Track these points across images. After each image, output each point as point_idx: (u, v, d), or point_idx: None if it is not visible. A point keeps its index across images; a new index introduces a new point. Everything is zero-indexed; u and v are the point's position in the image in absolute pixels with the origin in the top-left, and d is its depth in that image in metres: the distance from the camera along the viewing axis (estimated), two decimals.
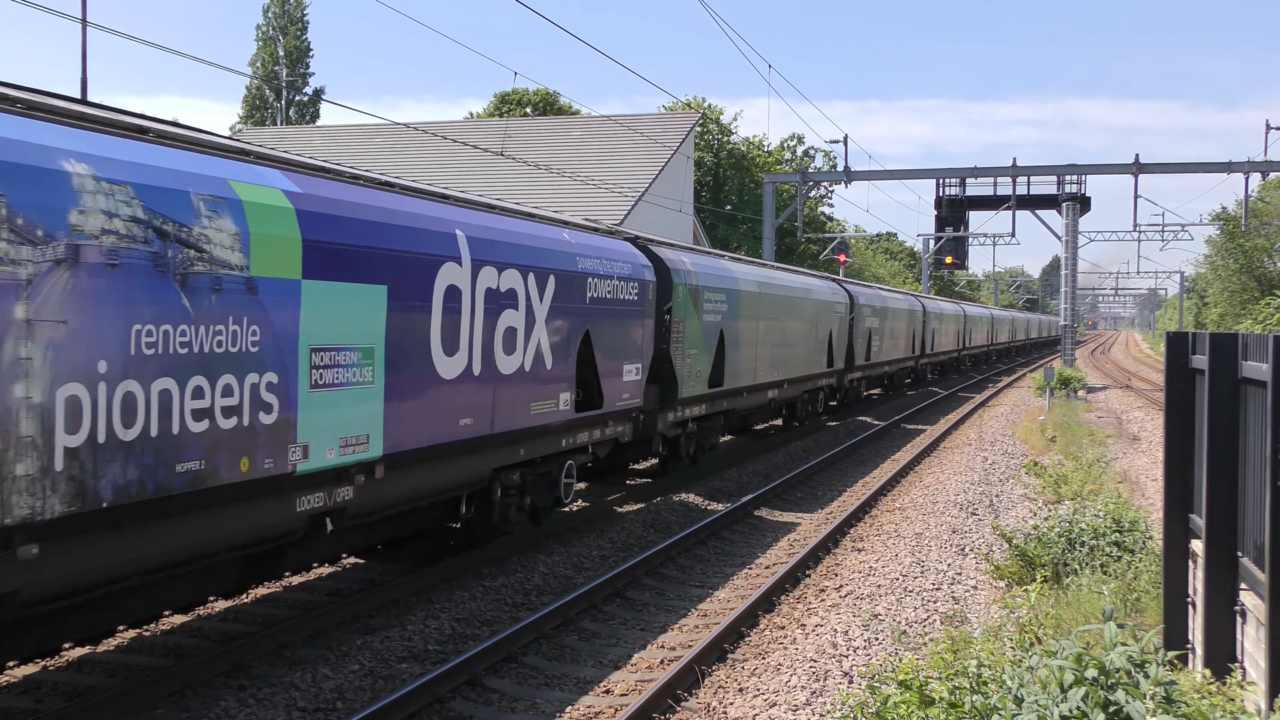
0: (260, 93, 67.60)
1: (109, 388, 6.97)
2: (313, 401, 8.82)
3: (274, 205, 8.50)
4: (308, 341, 8.74)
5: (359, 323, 9.38)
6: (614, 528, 14.96)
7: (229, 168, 8.40)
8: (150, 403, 7.28)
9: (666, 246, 18.06)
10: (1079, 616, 8.86)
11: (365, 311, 9.47)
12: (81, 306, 6.79)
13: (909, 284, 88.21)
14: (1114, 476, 18.46)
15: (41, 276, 6.52)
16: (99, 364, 6.90)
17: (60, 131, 7.08)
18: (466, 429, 11.18)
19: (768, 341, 22.15)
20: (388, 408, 9.83)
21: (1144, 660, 5.04)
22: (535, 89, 61.24)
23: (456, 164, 37.03)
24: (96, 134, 7.41)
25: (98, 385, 6.89)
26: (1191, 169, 46.37)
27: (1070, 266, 46.62)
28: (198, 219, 7.70)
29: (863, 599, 11.55)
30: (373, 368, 9.59)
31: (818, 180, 57.81)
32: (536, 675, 9.32)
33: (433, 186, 12.21)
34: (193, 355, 7.63)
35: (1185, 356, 7.89)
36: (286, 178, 8.99)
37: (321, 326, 8.88)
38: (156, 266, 7.33)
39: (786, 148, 72.67)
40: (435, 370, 10.61)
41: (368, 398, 9.54)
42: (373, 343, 9.57)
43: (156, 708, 8.08)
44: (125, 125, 7.85)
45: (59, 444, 6.65)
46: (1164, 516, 8.06)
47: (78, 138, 7.16)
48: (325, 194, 9.28)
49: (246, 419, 8.12)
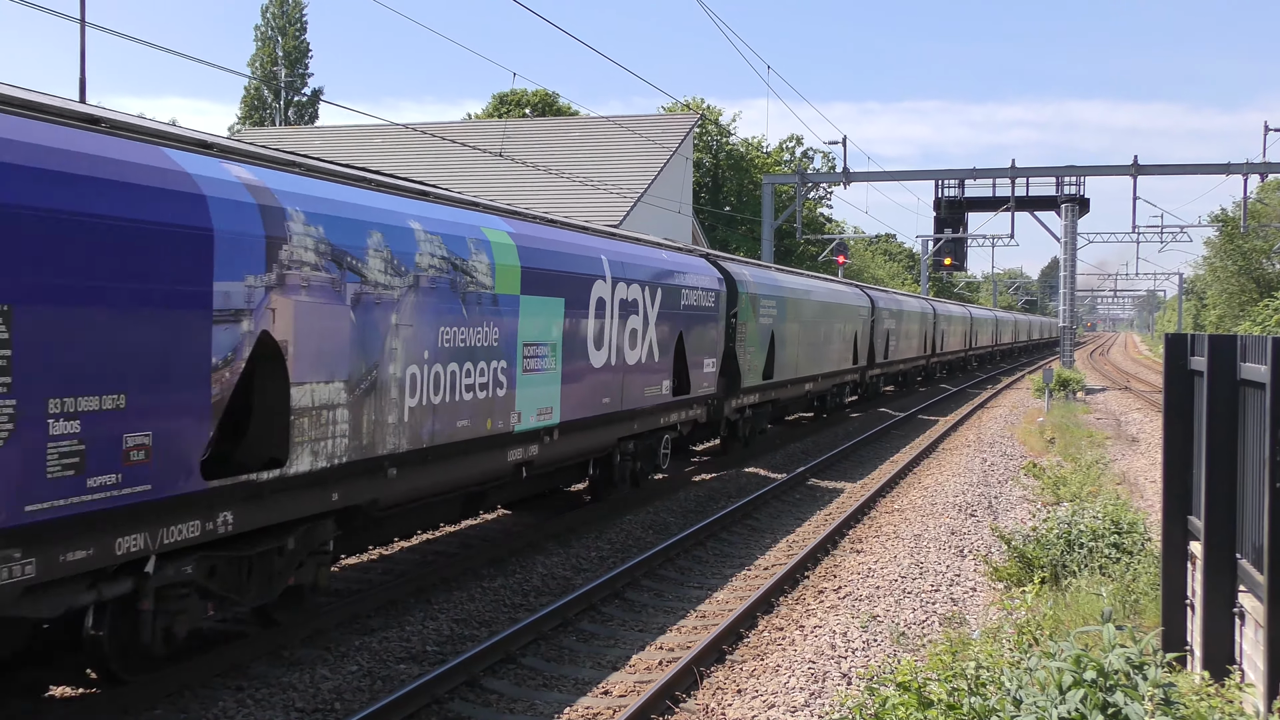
0: (259, 93, 67.60)
1: (428, 368, 10.40)
2: (524, 381, 12.31)
3: (506, 243, 11.95)
4: (522, 339, 12.21)
5: (548, 325, 12.85)
6: (613, 529, 14.98)
7: (479, 218, 11.93)
8: (446, 379, 10.73)
9: (731, 261, 21.93)
10: (1077, 618, 8.86)
11: (552, 317, 12.92)
12: (418, 315, 10.18)
13: (908, 285, 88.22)
14: (1113, 478, 18.46)
15: (401, 296, 9.91)
16: (424, 352, 10.33)
17: (401, 201, 10.58)
18: (606, 406, 14.65)
19: (806, 341, 25.46)
20: (563, 388, 13.27)
21: (1142, 662, 5.04)
22: (534, 90, 61.25)
23: (456, 165, 37.03)
24: (411, 200, 10.87)
25: (423, 366, 10.31)
26: (1191, 170, 46.40)
27: (1069, 268, 46.65)
28: (470, 255, 11.12)
29: (861, 600, 11.55)
30: (555, 358, 13.04)
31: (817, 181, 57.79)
32: (535, 676, 9.32)
33: (588, 224, 16.41)
34: (467, 348, 11.09)
35: (1184, 358, 7.89)
36: (508, 223, 12.50)
37: (529, 328, 12.38)
38: (451, 288, 10.73)
39: (785, 149, 72.67)
40: (590, 361, 14.05)
41: (552, 380, 13.01)
42: (555, 340, 13.01)
43: (155, 707, 8.08)
44: (409, 190, 11.21)
45: (405, 404, 10.07)
46: (1162, 518, 8.06)
47: (409, 203, 10.66)
48: (530, 233, 12.77)
49: (491, 392, 11.63)
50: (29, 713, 7.80)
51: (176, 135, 8.25)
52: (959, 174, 49.80)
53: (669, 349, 16.71)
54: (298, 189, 8.93)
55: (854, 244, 77.13)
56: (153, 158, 7.55)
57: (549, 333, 12.81)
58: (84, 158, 6.86)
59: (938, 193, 50.97)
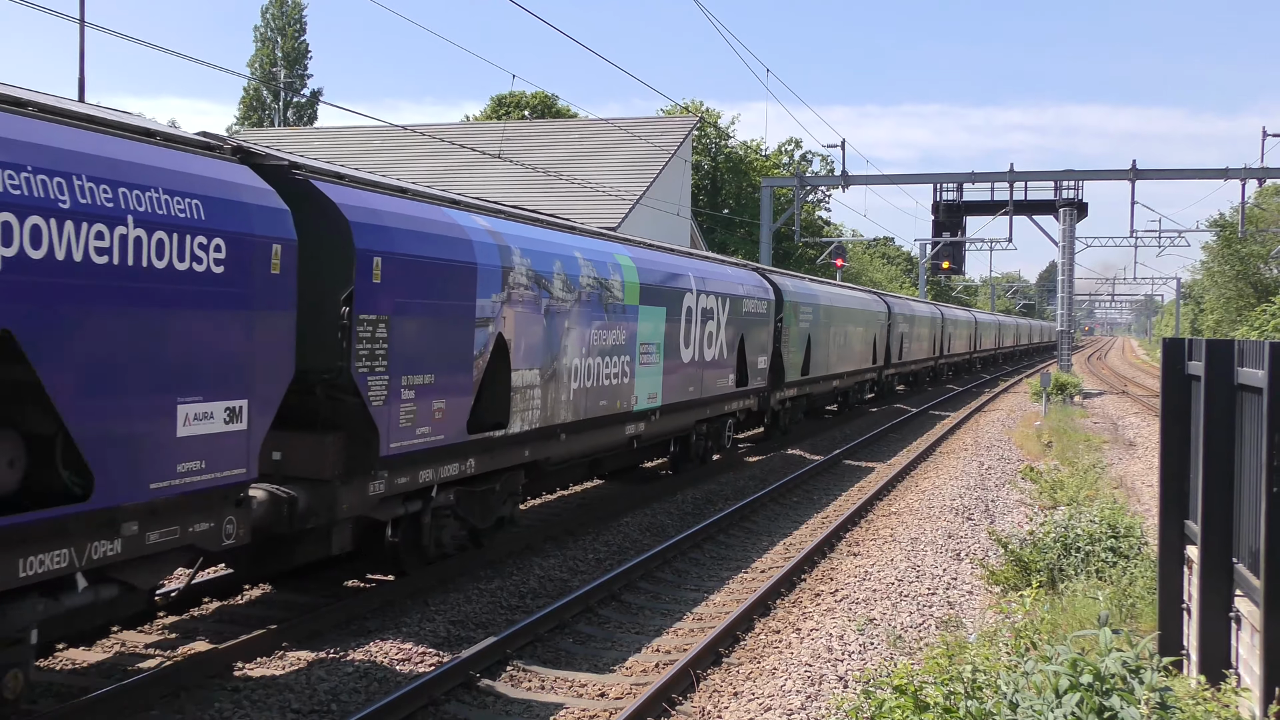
0: (258, 94, 67.58)
1: (585, 360, 14.04)
2: (639, 373, 15.90)
3: (630, 265, 15.67)
4: (639, 339, 15.81)
5: (655, 329, 16.39)
6: (610, 530, 14.97)
7: (612, 246, 15.63)
8: (594, 369, 14.34)
9: (776, 274, 25.76)
10: (1074, 622, 8.86)
11: (657, 323, 16.49)
12: (580, 321, 13.84)
13: (906, 289, 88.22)
14: (1110, 482, 18.47)
15: (570, 307, 13.52)
16: (582, 348, 13.98)
17: (566, 235, 14.34)
18: (691, 393, 18.15)
19: (836, 342, 29.20)
20: (664, 379, 16.87)
21: (1139, 666, 5.05)
22: (533, 91, 61.25)
23: (455, 166, 37.03)
24: (570, 235, 14.53)
25: (582, 360, 13.94)
26: (1189, 175, 46.44)
27: (1067, 272, 46.64)
28: (610, 275, 14.80)
29: (858, 603, 11.55)
30: (659, 354, 16.63)
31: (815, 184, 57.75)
32: (532, 678, 9.31)
33: (675, 247, 20.56)
34: (606, 345, 14.70)
35: (1181, 363, 7.90)
36: (629, 249, 16.17)
37: (644, 331, 15.99)
38: (599, 301, 14.40)
39: (784, 152, 72.67)
40: (681, 358, 17.57)
41: (656, 372, 16.60)
42: (659, 340, 16.64)
43: (151, 708, 8.07)
44: (565, 227, 14.91)
45: (571, 386, 13.67)
46: (1159, 522, 8.06)
47: (569, 237, 14.26)
48: (645, 256, 16.50)
49: (620, 380, 15.20)
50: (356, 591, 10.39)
51: (445, 198, 11.87)
52: (957, 178, 49.79)
53: (734, 348, 20.29)
54: (514, 231, 12.62)
55: (852, 247, 77.19)
56: (444, 216, 11.27)
57: (656, 334, 16.47)
58: (421, 219, 10.66)
59: (936, 196, 50.94)
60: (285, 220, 8.60)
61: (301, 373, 9.05)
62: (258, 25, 68.98)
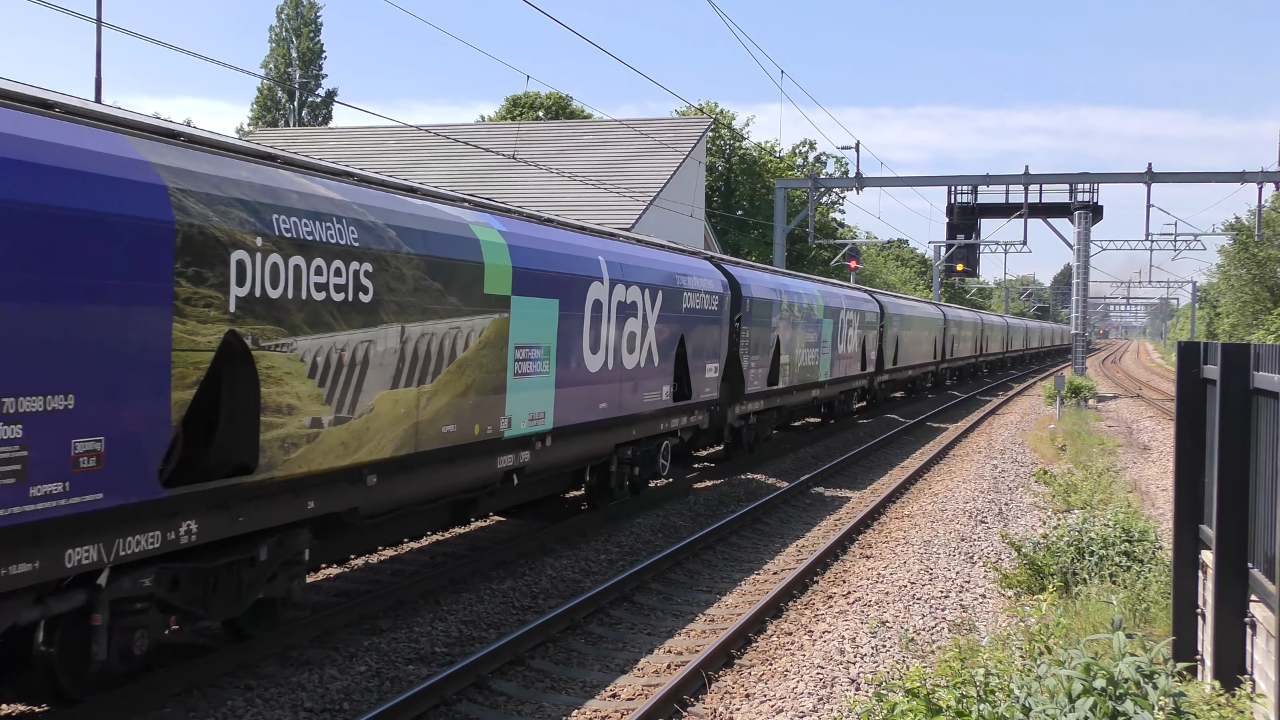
0: (272, 94, 67.75)
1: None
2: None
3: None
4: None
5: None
6: (622, 532, 14.97)
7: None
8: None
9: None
10: (1087, 626, 8.83)
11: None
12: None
13: (919, 291, 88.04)
14: (1124, 486, 18.41)
15: (738, 319, 18.69)
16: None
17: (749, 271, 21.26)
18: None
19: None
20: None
21: (1153, 671, 5.03)
22: (548, 92, 61.28)
23: (468, 167, 37.07)
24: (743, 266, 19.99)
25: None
26: (1205, 179, 46.24)
27: (1082, 275, 46.49)
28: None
29: (870, 606, 11.53)
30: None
31: (829, 186, 57.72)
32: (543, 678, 9.32)
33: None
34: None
35: (1197, 366, 7.87)
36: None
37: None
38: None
39: (798, 153, 72.60)
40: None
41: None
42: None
43: (163, 706, 8.10)
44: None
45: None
46: (1174, 527, 8.03)
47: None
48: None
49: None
50: (366, 591, 7.83)
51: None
52: (972, 180, 49.68)
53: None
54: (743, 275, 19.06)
55: (866, 249, 77.05)
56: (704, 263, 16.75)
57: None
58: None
59: (950, 199, 50.87)
60: None
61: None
62: (273, 26, 69.17)
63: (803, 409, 27.06)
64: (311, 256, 8.61)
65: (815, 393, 26.31)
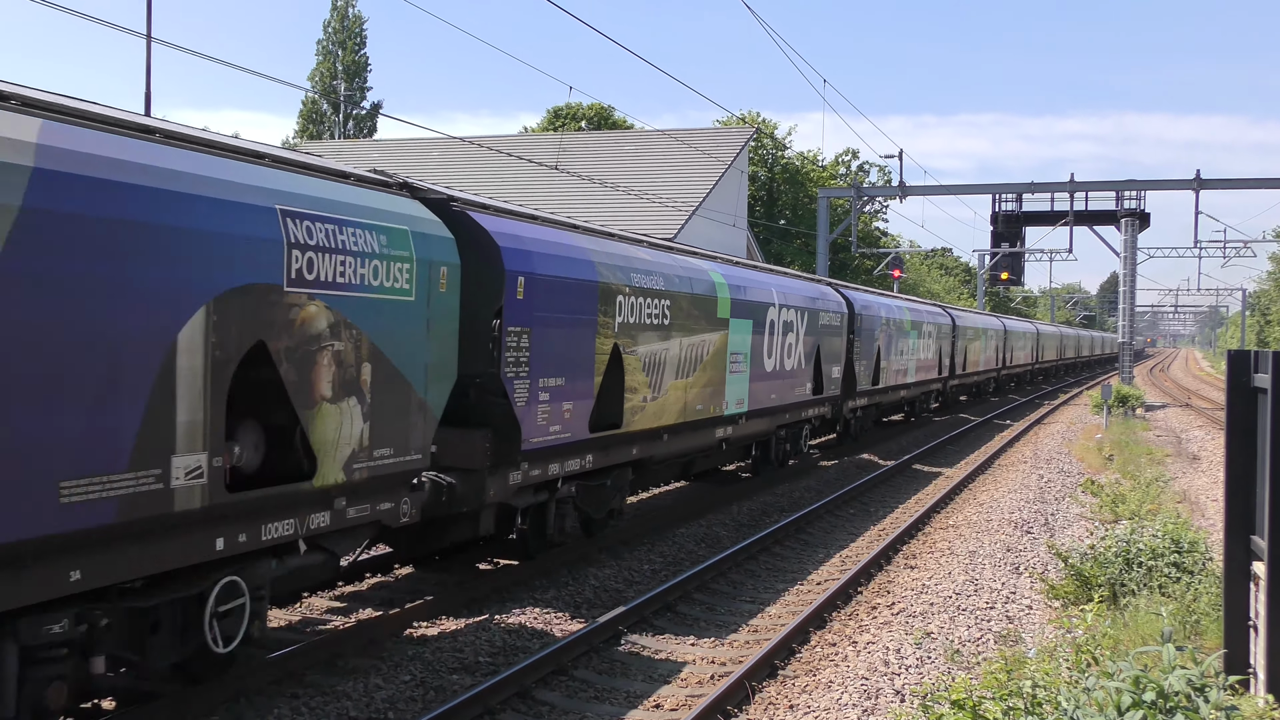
0: (317, 106, 68.43)
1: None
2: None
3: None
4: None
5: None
6: (665, 541, 14.97)
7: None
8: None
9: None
10: (1136, 638, 8.73)
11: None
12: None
13: (964, 300, 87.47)
14: (1173, 496, 18.18)
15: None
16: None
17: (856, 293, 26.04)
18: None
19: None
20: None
21: (1204, 684, 4.96)
22: (589, 103, 61.48)
23: (511, 177, 37.26)
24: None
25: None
26: (1254, 184, 45.66)
27: (1129, 283, 45.98)
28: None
29: (915, 617, 11.45)
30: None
31: (872, 195, 57.55)
32: (586, 688, 9.32)
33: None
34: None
35: (1247, 375, 7.76)
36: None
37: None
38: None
39: (841, 162, 72.36)
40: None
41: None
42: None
43: (211, 714, 8.18)
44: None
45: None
46: (1224, 537, 7.92)
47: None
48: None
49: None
50: (411, 596, 7.93)
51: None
52: (1016, 188, 49.36)
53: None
54: (854, 296, 22.58)
55: (909, 258, 76.65)
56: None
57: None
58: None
59: (995, 207, 50.55)
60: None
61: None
62: (320, 39, 69.93)
63: (893, 406, 32.56)
64: (644, 297, 13.87)
65: (903, 393, 31.55)
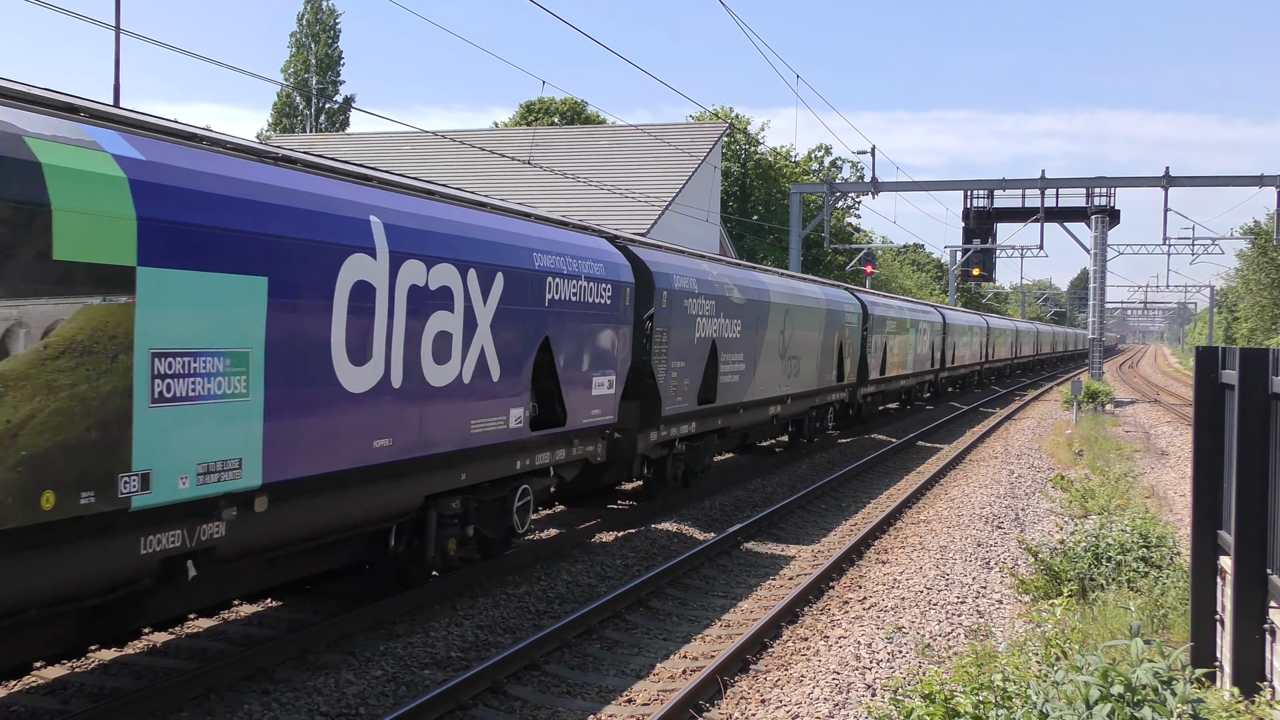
0: (290, 100, 68.03)
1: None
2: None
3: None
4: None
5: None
6: (638, 537, 14.97)
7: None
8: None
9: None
10: (1105, 632, 8.80)
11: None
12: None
13: (935, 296, 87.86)
14: (1141, 491, 18.32)
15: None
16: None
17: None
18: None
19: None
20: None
21: (1171, 677, 5.00)
22: (563, 98, 61.39)
23: (484, 172, 37.15)
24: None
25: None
26: (1223, 182, 46.01)
27: (1099, 280, 46.32)
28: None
29: (886, 611, 11.50)
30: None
31: (845, 191, 57.74)
32: (559, 683, 9.32)
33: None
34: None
35: (1215, 371, 7.83)
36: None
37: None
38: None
39: (814, 158, 72.64)
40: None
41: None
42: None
43: (181, 710, 8.13)
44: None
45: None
46: (1192, 532, 7.99)
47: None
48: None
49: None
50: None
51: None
52: (988, 185, 49.58)
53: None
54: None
55: (882, 254, 76.94)
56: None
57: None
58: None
59: (966, 203, 50.76)
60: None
61: None
62: (294, 32, 69.51)
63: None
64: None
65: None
